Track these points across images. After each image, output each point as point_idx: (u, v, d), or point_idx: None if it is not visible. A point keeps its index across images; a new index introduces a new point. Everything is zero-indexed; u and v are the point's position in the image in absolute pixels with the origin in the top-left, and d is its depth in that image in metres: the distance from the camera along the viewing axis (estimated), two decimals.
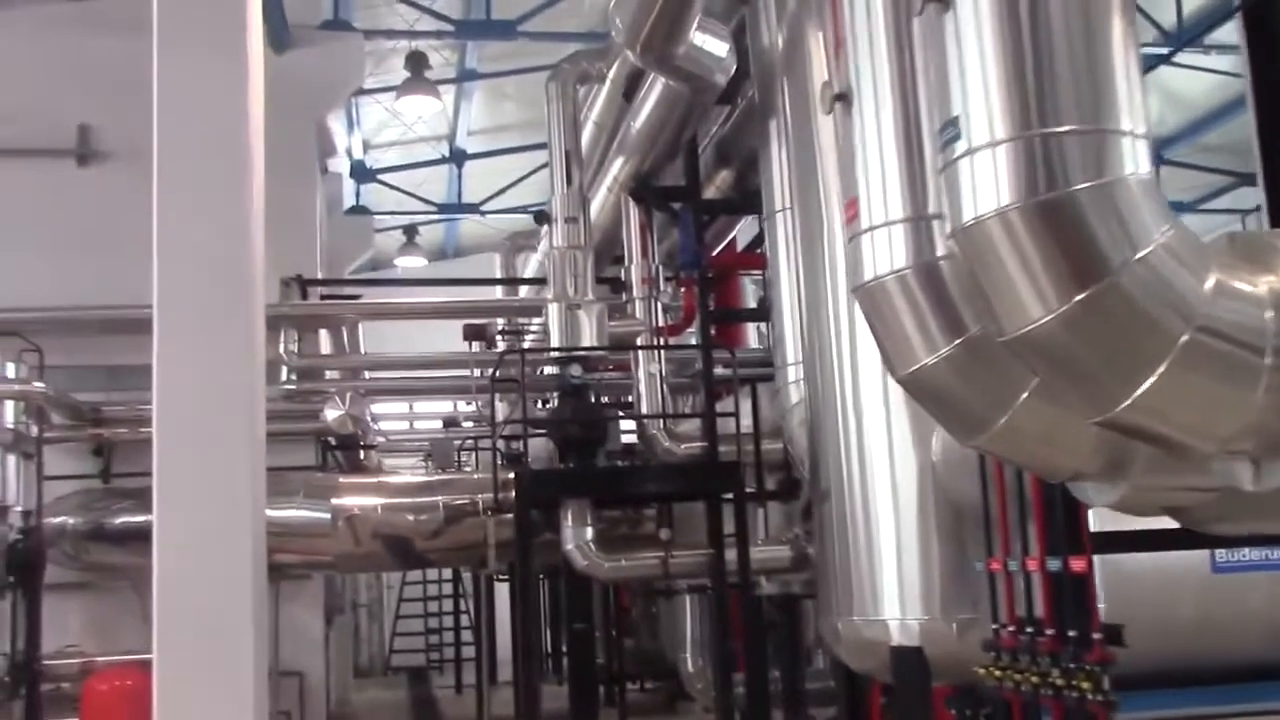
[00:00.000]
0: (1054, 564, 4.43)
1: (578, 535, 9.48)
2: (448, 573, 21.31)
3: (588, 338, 9.75)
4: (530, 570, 9.13)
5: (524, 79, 17.28)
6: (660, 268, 10.16)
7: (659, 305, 10.04)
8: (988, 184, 3.05)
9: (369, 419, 12.25)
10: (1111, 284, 2.91)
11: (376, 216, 20.05)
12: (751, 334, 13.33)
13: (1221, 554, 6.17)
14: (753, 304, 11.77)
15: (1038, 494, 4.51)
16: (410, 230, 20.69)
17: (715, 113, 10.37)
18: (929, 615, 6.12)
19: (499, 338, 10.60)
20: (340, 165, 19.38)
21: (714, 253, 10.19)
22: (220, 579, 6.53)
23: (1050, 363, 3.06)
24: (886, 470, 6.39)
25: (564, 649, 19.03)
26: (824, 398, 6.86)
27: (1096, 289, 2.92)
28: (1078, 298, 2.94)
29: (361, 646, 21.54)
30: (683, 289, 10.06)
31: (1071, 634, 4.35)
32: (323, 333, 12.40)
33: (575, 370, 9.60)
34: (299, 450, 12.05)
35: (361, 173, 19.62)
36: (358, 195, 19.91)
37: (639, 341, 9.93)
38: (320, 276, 13.15)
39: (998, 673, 4.68)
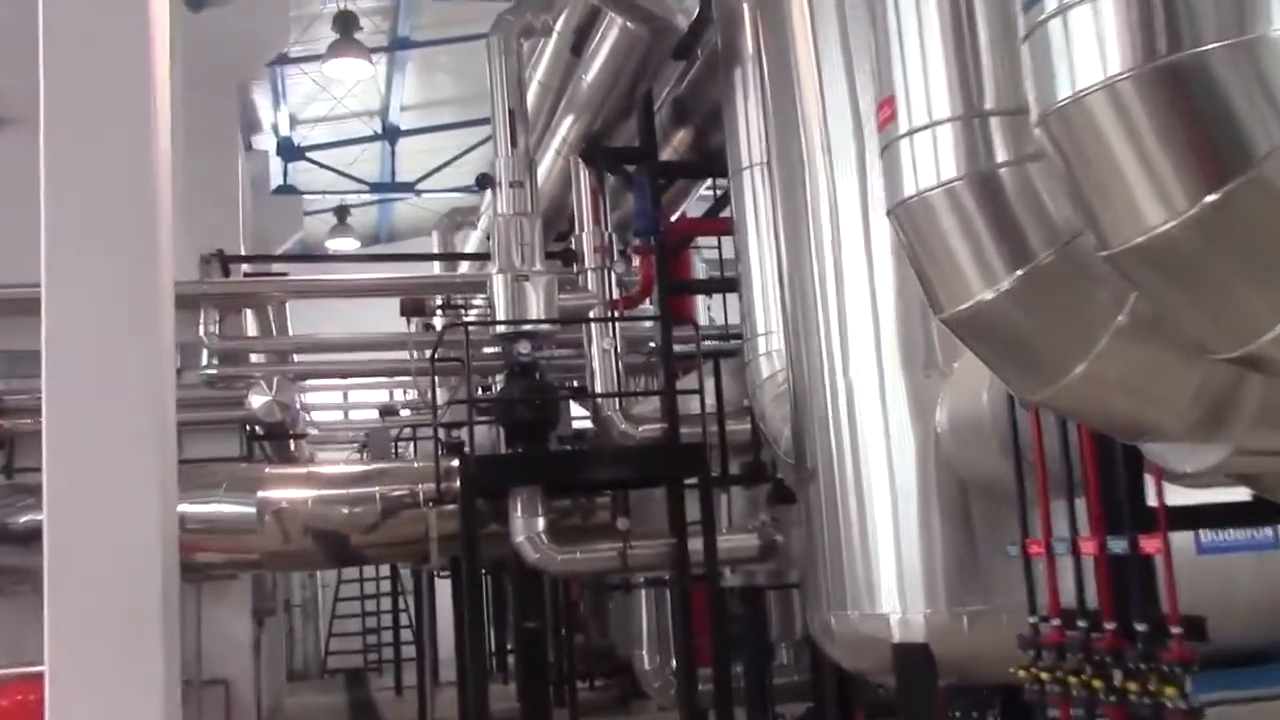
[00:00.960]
0: (1117, 545, 3.73)
1: (528, 526, 8.70)
2: (385, 569, 20.43)
3: (536, 312, 8.94)
4: (476, 565, 8.34)
5: (460, 49, 16.41)
6: (613, 236, 9.38)
7: (613, 276, 9.26)
8: (1089, 47, 2.32)
9: (298, 406, 11.38)
10: (1256, 177, 2.21)
11: (306, 197, 19.07)
12: (700, 311, 12.63)
13: (1206, 535, 5.56)
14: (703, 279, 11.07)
15: (1093, 461, 3.81)
16: (341, 211, 19.70)
17: (671, 70, 9.63)
18: (933, 608, 5.43)
19: (439, 312, 9.73)
20: (266, 143, 18.41)
21: (671, 219, 9.42)
22: (123, 581, 5.70)
23: (1174, 280, 2.36)
24: (881, 445, 5.69)
25: (509, 647, 18.28)
26: (809, 368, 6.14)
27: (1237, 183, 2.22)
28: (1210, 197, 2.23)
29: (296, 648, 20.54)
30: (637, 259, 9.28)
31: (1140, 628, 3.65)
32: (247, 313, 11.47)
33: (523, 347, 8.81)
34: (222, 440, 11.15)
35: (289, 150, 18.62)
36: (285, 174, 18.91)
37: (592, 315, 9.16)
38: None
39: (1042, 675, 3.98)
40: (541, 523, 8.72)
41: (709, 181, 10.67)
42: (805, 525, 6.23)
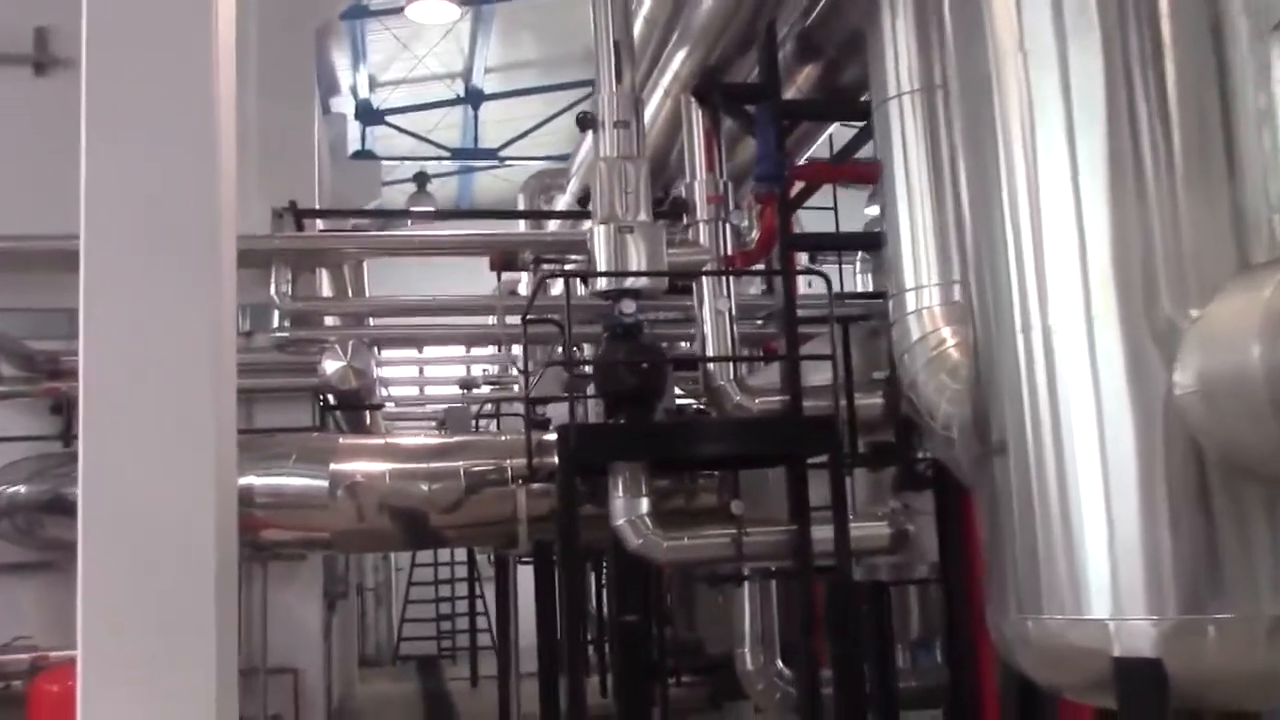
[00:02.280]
0: None
1: (631, 508, 7.70)
2: (461, 553, 19.65)
3: (641, 267, 7.93)
4: (575, 549, 7.34)
5: (546, 8, 15.48)
6: (729, 184, 8.34)
7: (728, 229, 8.23)
8: None
9: (375, 375, 10.47)
10: None
11: (384, 164, 18.24)
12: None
13: None
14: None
15: None
16: (421, 178, 18.85)
17: (793, 4, 8.55)
18: (1162, 614, 4.33)
19: (531, 270, 8.74)
20: (344, 105, 17.61)
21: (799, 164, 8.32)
22: (170, 559, 4.80)
23: None
24: (1090, 411, 4.60)
25: (589, 638, 17.35)
26: (997, 322, 5.05)
27: None
28: None
29: (368, 634, 19.83)
30: (758, 208, 8.19)
31: None
32: (322, 275, 10.62)
33: (627, 306, 7.78)
34: (293, 410, 10.29)
35: (368, 113, 17.83)
36: (364, 139, 18.12)
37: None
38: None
39: None
40: (646, 504, 7.72)
41: (832, 127, 9.57)
42: (989, 509, 5.14)
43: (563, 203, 13.18)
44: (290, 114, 11.40)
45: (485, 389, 15.31)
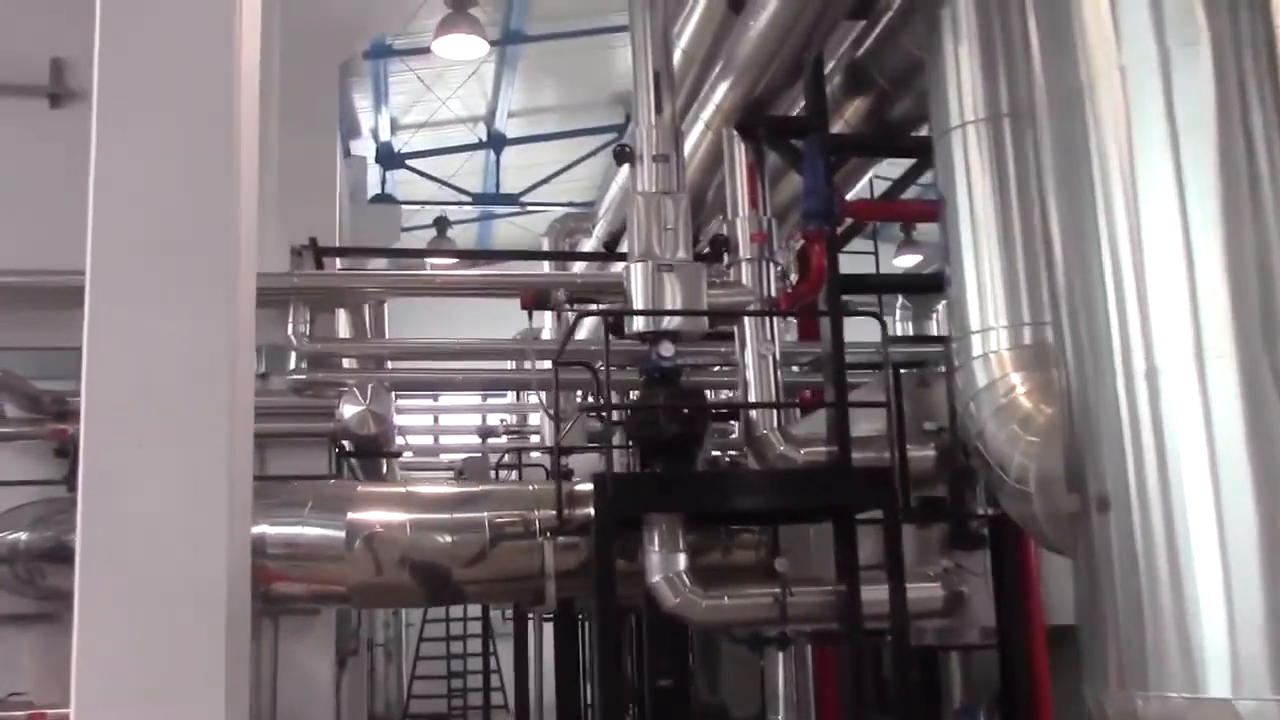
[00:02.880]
0: None
1: (667, 564, 7.24)
2: (474, 609, 19.06)
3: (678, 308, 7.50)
4: (611, 605, 6.83)
5: (573, 48, 15.18)
6: (774, 221, 7.92)
7: (773, 269, 7.80)
8: None
9: (393, 420, 10.02)
10: None
11: (405, 208, 17.91)
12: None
13: None
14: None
15: None
16: (441, 223, 18.51)
17: (842, 34, 8.18)
18: None
19: (567, 306, 8.29)
20: (365, 149, 17.33)
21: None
22: (177, 616, 4.34)
23: None
24: (1204, 463, 4.11)
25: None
26: (1094, 365, 4.57)
27: None
28: None
29: (377, 691, 19.19)
30: (797, 247, 7.76)
31: None
32: (340, 314, 10.19)
33: (665, 349, 7.35)
34: (308, 455, 9.81)
35: (389, 157, 17.51)
36: (384, 183, 17.79)
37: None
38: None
39: None
40: (683, 560, 7.26)
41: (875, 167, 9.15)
42: (1087, 572, 4.64)
43: (589, 246, 12.77)
44: (312, 151, 11.07)
45: (503, 439, 14.85)
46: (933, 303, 13.32)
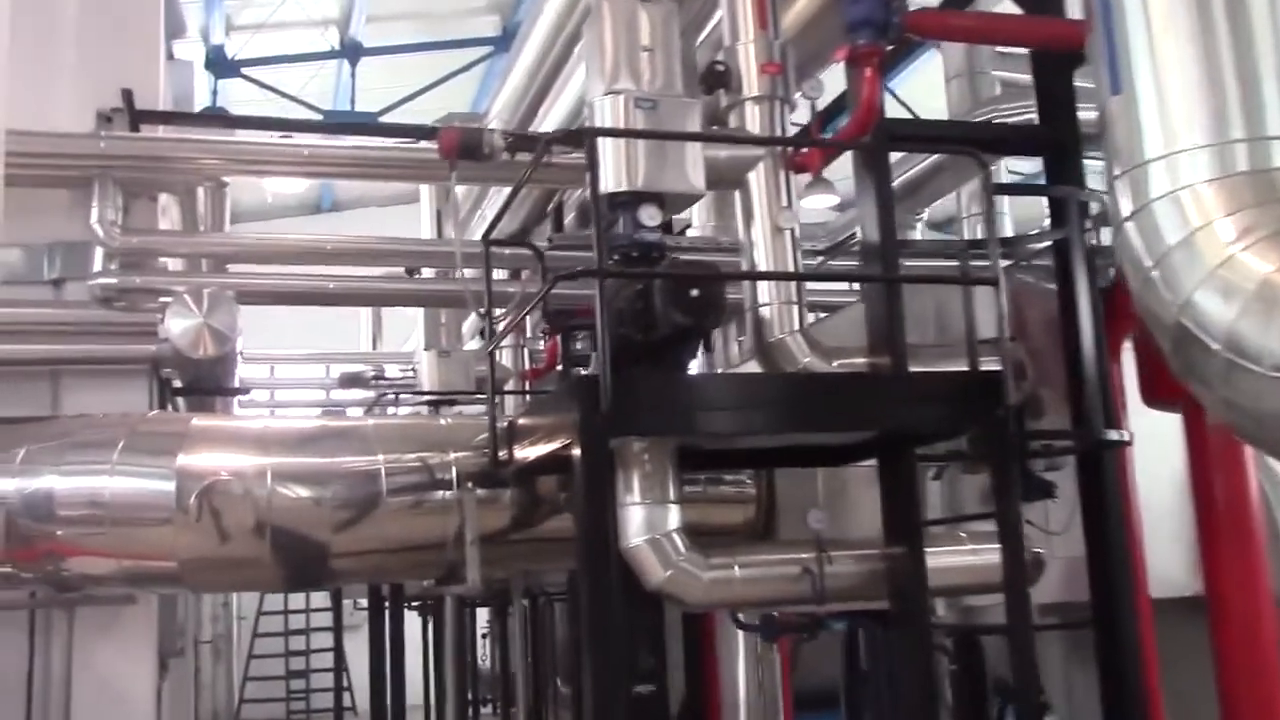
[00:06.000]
0: None
1: (654, 520, 5.01)
2: (319, 596, 16.53)
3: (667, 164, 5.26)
4: (606, 571, 4.50)
5: None
6: (788, 48, 5.76)
7: (788, 109, 5.66)
8: None
9: (237, 342, 7.48)
10: None
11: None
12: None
13: None
14: None
15: None
16: None
17: None
18: None
19: (506, 157, 5.84)
20: (192, 52, 14.47)
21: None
22: None
23: None
24: None
25: (487, 698, 14.50)
26: None
27: None
28: None
29: (203, 696, 16.37)
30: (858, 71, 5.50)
31: None
32: (165, 201, 7.61)
33: (648, 216, 5.13)
34: (119, 389, 7.20)
35: (221, 64, 14.72)
36: (214, 96, 14.99)
37: (755, 175, 5.52)
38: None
39: None
40: (675, 515, 5.04)
41: None
42: None
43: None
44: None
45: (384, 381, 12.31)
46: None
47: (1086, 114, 5.55)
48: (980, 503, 6.11)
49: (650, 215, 5.16)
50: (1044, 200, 6.38)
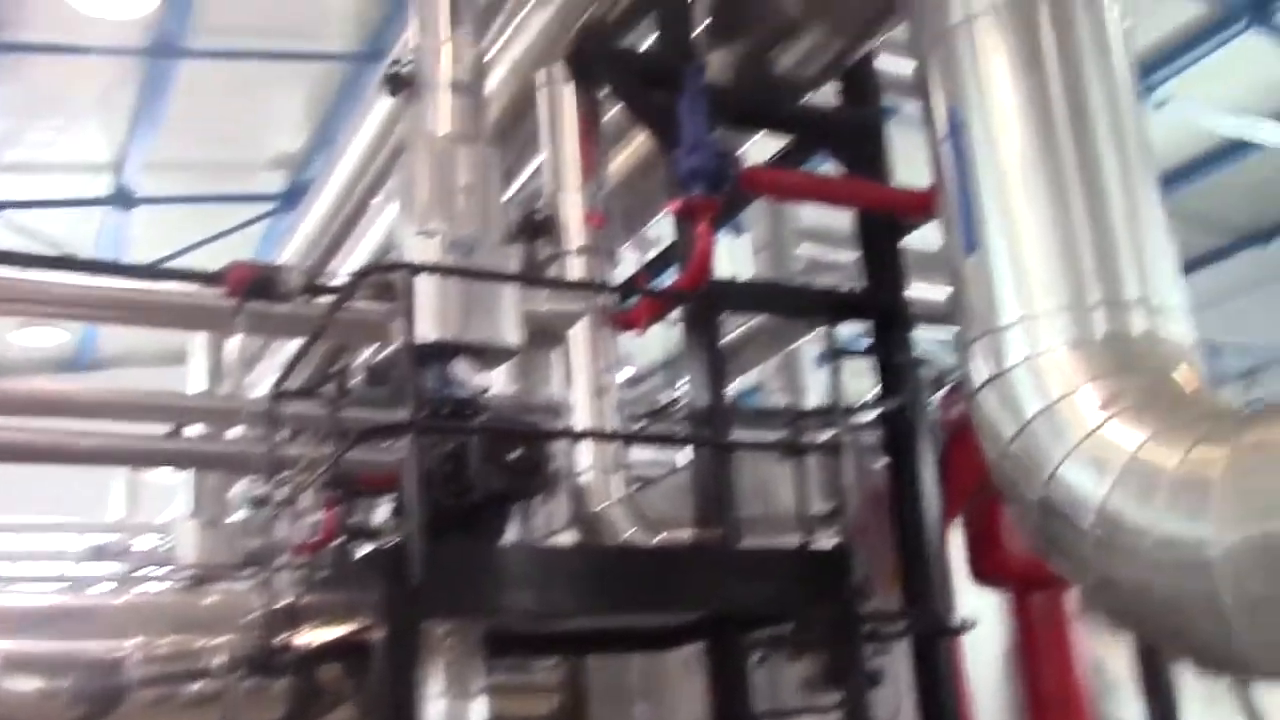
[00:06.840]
0: None
1: (457, 718, 4.35)
2: None
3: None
4: None
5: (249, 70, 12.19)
6: (608, 198, 5.45)
7: (609, 263, 5.32)
8: None
9: None
10: None
11: None
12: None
13: None
14: None
15: None
16: None
17: None
18: None
19: (303, 299, 5.19)
20: None
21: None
22: None
23: None
24: None
25: None
26: None
27: None
28: None
29: None
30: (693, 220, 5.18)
31: None
32: None
33: (461, 369, 4.62)
34: None
35: None
36: None
37: (579, 328, 5.11)
38: None
39: None
40: (480, 710, 4.41)
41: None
42: None
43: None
44: None
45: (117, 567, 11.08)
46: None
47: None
48: (800, 691, 5.67)
49: (465, 370, 4.66)
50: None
